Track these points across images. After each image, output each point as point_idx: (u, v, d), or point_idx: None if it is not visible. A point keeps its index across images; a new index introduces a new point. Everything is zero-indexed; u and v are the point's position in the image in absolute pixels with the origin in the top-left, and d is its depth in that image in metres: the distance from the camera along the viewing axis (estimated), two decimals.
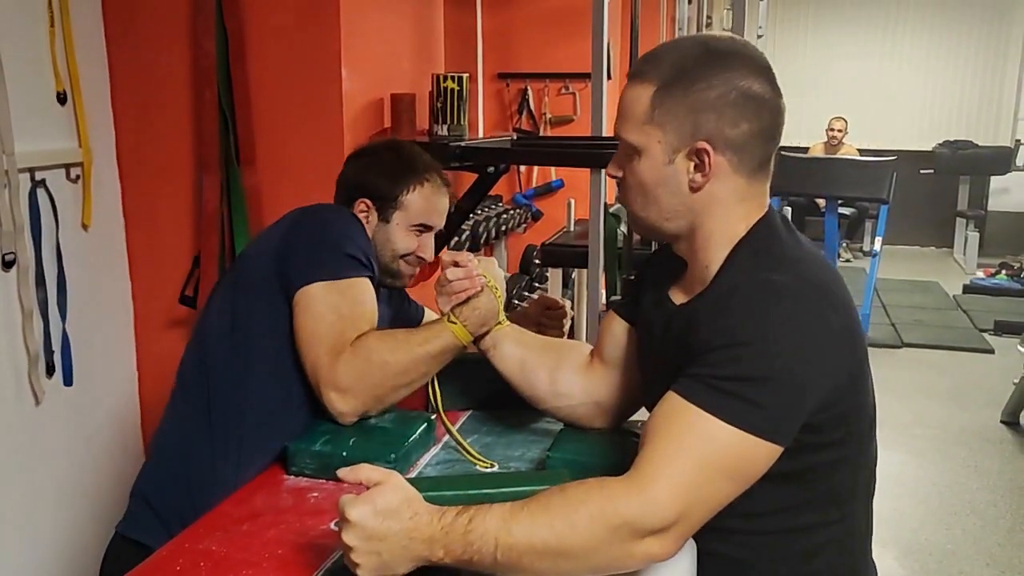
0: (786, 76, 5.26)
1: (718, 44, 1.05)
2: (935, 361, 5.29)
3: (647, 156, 1.06)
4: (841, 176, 5.96)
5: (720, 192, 1.06)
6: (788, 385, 0.93)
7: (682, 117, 1.03)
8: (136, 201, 2.25)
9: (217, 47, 2.05)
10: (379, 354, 1.31)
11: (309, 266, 1.36)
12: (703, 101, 1.02)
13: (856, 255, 8.32)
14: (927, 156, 8.32)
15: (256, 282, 1.41)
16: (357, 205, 1.57)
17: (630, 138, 1.07)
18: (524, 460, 1.37)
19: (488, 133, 4.07)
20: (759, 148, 1.06)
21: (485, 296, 1.35)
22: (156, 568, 1.04)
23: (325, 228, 1.42)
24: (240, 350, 1.40)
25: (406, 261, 1.60)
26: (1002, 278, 7.19)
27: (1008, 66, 8.70)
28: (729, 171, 1.05)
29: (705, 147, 1.03)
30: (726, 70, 1.03)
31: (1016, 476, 3.69)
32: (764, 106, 1.04)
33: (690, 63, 1.03)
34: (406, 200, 1.57)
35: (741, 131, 1.03)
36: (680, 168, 1.05)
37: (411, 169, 1.58)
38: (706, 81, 1.02)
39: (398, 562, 0.92)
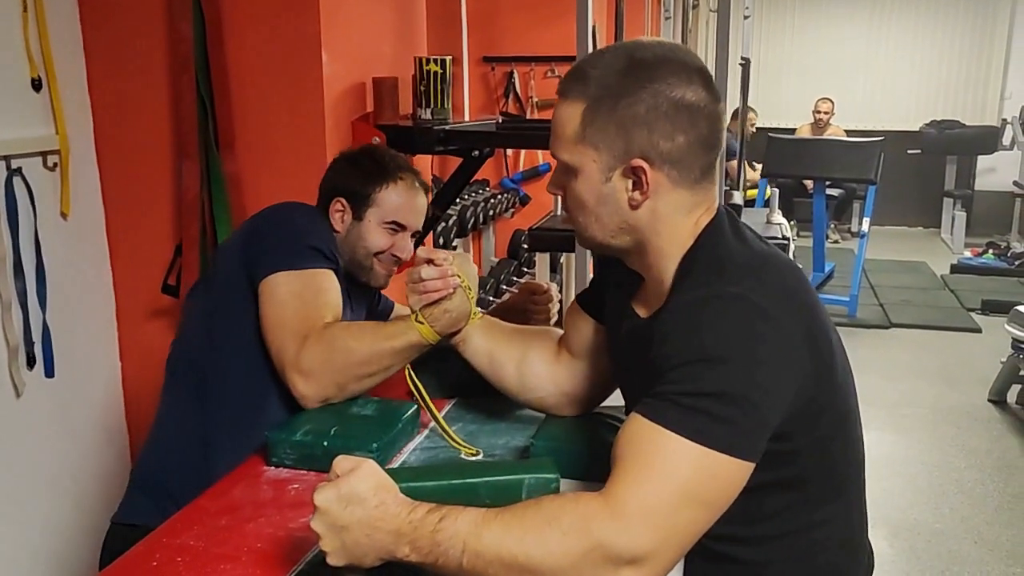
0: (772, 57, 5.29)
1: (644, 54, 1.00)
2: (923, 341, 5.31)
3: (583, 176, 1.03)
4: (829, 157, 5.96)
5: (663, 208, 1.03)
6: (754, 399, 0.90)
7: (613, 135, 1.00)
8: (115, 189, 2.22)
9: (194, 31, 2.02)
10: (343, 341, 1.33)
11: (272, 256, 1.40)
12: (632, 117, 0.98)
13: (844, 236, 8.33)
14: (914, 136, 8.32)
15: (226, 275, 1.46)
16: (333, 205, 1.59)
17: (564, 158, 1.04)
18: (509, 448, 1.36)
19: (474, 117, 4.04)
20: (699, 158, 1.02)
21: (458, 298, 1.32)
22: (133, 563, 1.02)
23: (289, 221, 1.46)
24: (219, 343, 1.46)
25: (380, 260, 1.61)
26: (989, 257, 7.22)
27: (994, 45, 8.69)
28: (669, 186, 1.02)
29: (640, 164, 1.00)
30: (653, 81, 0.98)
31: (1003, 454, 3.71)
32: (699, 114, 1.00)
33: (615, 78, 0.99)
34: (379, 197, 1.58)
35: (677, 144, 0.99)
36: (618, 186, 1.02)
37: (384, 168, 1.60)
38: (633, 95, 0.98)
39: (363, 551, 0.90)
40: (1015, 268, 6.91)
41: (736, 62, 5.72)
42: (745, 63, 5.80)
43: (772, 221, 3.62)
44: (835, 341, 1.04)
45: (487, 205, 3.96)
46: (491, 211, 4.03)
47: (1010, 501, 3.30)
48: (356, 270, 1.60)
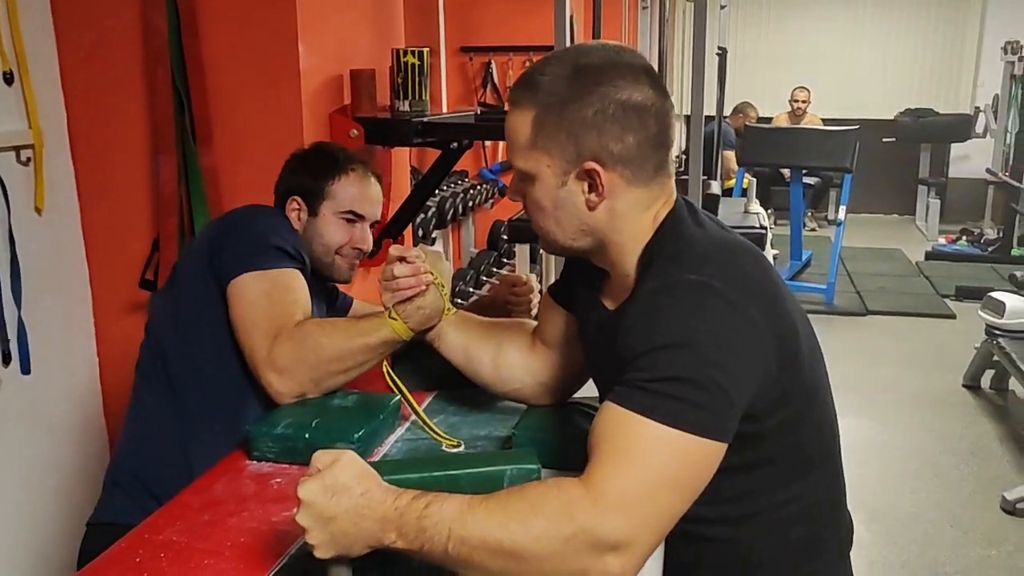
0: (748, 47, 5.32)
1: (589, 58, 1.02)
2: (899, 327, 5.38)
3: (539, 181, 1.05)
4: (805, 146, 6.01)
5: (620, 207, 1.05)
6: (720, 381, 0.92)
7: (564, 140, 1.02)
8: (91, 183, 2.19)
9: (169, 23, 1.99)
10: (315, 338, 1.33)
11: (238, 258, 1.41)
12: (581, 121, 1.01)
13: (821, 224, 8.40)
14: (889, 125, 8.40)
15: (192, 279, 1.46)
16: (289, 205, 1.60)
17: (519, 165, 1.07)
18: (490, 438, 1.37)
19: (452, 108, 4.03)
20: (651, 155, 1.04)
21: (431, 295, 1.32)
22: (115, 560, 1.02)
23: (252, 223, 1.47)
24: (192, 346, 1.46)
25: (342, 255, 1.61)
26: (963, 244, 7.32)
27: (967, 34, 8.78)
28: (624, 185, 1.04)
29: (593, 167, 1.02)
30: (599, 85, 1.01)
31: (977, 439, 3.77)
32: (647, 113, 1.02)
33: (562, 84, 1.01)
34: (332, 190, 1.59)
35: (627, 144, 1.01)
36: (574, 190, 1.04)
37: (334, 160, 1.61)
38: (580, 100, 1.00)
39: (351, 540, 0.90)
40: (988, 255, 7.00)
41: (713, 52, 5.75)
42: (722, 53, 5.83)
43: (750, 210, 3.65)
44: (800, 322, 1.06)
45: (466, 196, 3.96)
46: (470, 202, 4.02)
47: (984, 485, 3.35)
48: (319, 267, 1.60)
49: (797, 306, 1.07)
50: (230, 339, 1.40)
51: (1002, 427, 3.88)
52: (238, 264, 1.40)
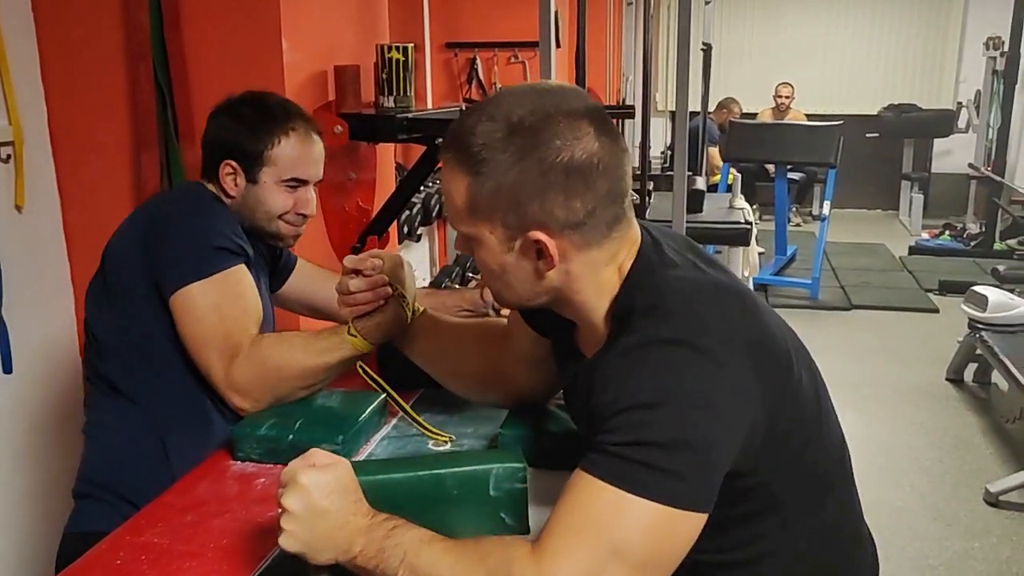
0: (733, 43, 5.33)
1: (522, 113, 0.90)
2: (883, 322, 5.41)
3: (483, 246, 0.96)
4: (789, 141, 6.03)
5: (576, 269, 0.96)
6: (697, 445, 0.84)
7: (504, 209, 0.92)
8: (72, 180, 2.17)
9: (151, 19, 1.98)
10: (273, 360, 1.30)
11: (178, 267, 1.33)
12: (520, 189, 0.90)
13: (806, 219, 8.44)
14: (873, 120, 8.44)
15: (129, 289, 1.38)
16: (222, 168, 1.46)
17: (460, 229, 0.97)
18: (477, 436, 1.36)
19: (437, 104, 4.02)
20: (603, 215, 0.93)
21: (391, 309, 1.28)
22: (96, 562, 1.01)
23: (185, 224, 1.37)
24: (149, 359, 1.39)
25: (286, 221, 1.50)
26: (946, 239, 7.37)
27: (949, 29, 8.84)
28: (576, 250, 0.94)
29: (538, 237, 0.92)
30: (537, 148, 0.89)
31: (961, 432, 3.80)
32: (593, 171, 0.91)
33: (495, 149, 0.90)
34: (272, 155, 1.45)
35: (574, 210, 0.91)
36: (521, 257, 0.95)
37: (272, 120, 1.46)
38: (517, 167, 0.90)
39: (322, 544, 0.90)
40: (971, 249, 7.05)
41: (698, 48, 5.76)
42: (707, 49, 5.84)
43: (734, 206, 3.66)
44: (793, 353, 0.98)
45: None
46: None
47: (967, 477, 3.38)
48: (261, 234, 1.50)
49: (785, 332, 1.00)
50: (182, 351, 1.36)
51: (985, 420, 3.91)
52: (179, 274, 1.32)
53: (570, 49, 3.93)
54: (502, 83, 4.29)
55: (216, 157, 1.47)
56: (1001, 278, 4.40)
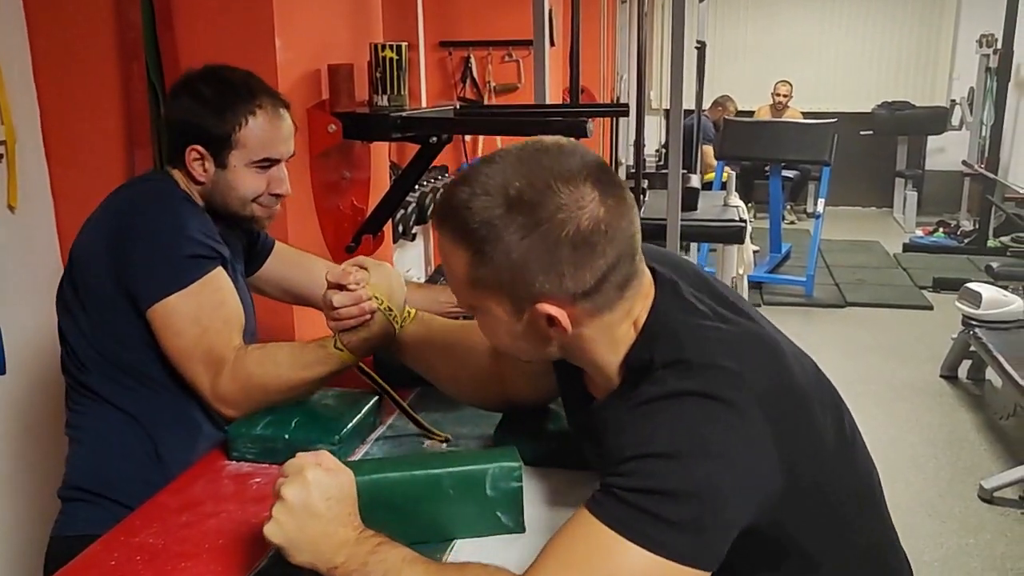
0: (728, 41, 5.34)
1: (520, 190, 0.85)
2: (877, 319, 5.42)
3: (489, 315, 0.92)
4: (784, 139, 6.04)
5: (589, 332, 0.92)
6: (708, 500, 0.81)
7: (509, 283, 0.87)
8: (65, 180, 2.16)
9: (143, 17, 1.97)
10: (259, 377, 1.28)
11: (153, 281, 1.28)
12: (525, 266, 0.86)
13: (800, 217, 8.45)
14: (867, 117, 8.46)
15: (101, 297, 1.33)
16: (188, 154, 1.39)
17: (462, 299, 0.94)
18: (473, 436, 1.36)
19: (432, 103, 4.01)
20: (615, 277, 0.89)
21: (378, 323, 1.25)
22: (90, 563, 1.00)
23: (156, 233, 1.30)
24: (131, 369, 1.36)
25: (259, 203, 1.44)
26: (940, 236, 7.39)
27: (942, 27, 8.86)
28: (588, 317, 0.90)
29: (548, 311, 0.88)
30: (539, 224, 0.84)
31: (955, 429, 3.81)
32: (602, 238, 0.86)
33: (494, 226, 0.85)
34: (241, 137, 1.37)
35: (583, 280, 0.87)
36: (531, 323, 0.90)
37: (236, 99, 1.38)
38: (520, 243, 0.85)
39: (305, 546, 0.90)
40: (965, 246, 7.07)
41: (692, 46, 5.76)
42: (701, 47, 5.84)
43: (729, 203, 3.66)
44: (816, 398, 0.94)
45: None
46: None
47: (961, 474, 3.39)
48: (234, 219, 1.44)
49: (808, 373, 0.95)
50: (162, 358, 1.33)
51: (979, 417, 3.92)
52: (155, 288, 1.27)
53: (564, 47, 3.93)
54: (497, 82, 4.29)
55: (181, 142, 1.39)
56: (995, 275, 4.42)
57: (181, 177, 1.43)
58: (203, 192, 1.42)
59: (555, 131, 1.96)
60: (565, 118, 1.96)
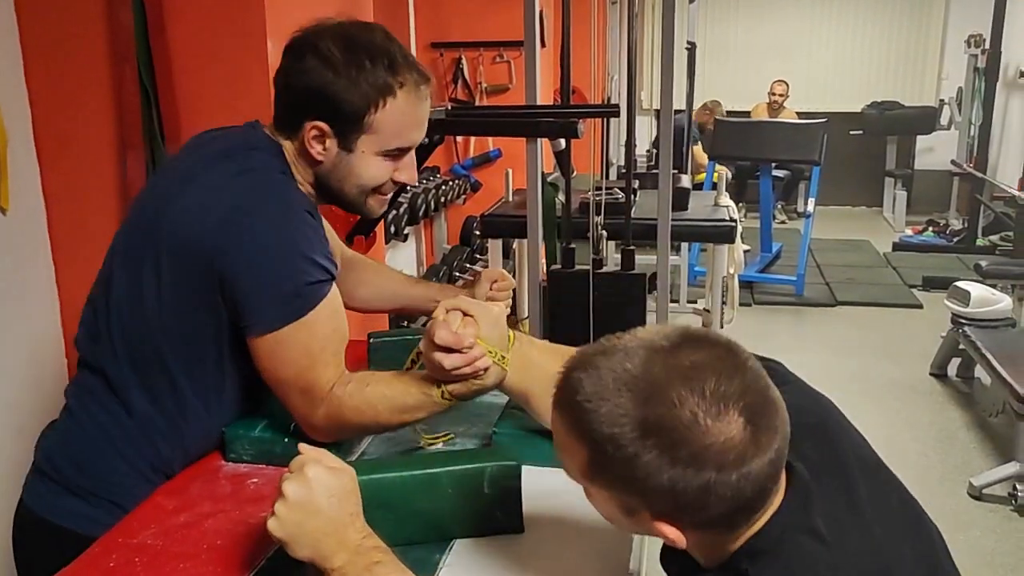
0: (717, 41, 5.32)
1: (659, 411, 0.75)
2: (867, 317, 5.44)
3: (599, 500, 0.84)
4: (774, 139, 6.06)
5: (698, 541, 0.82)
6: None
7: (627, 493, 0.79)
8: (57, 182, 2.16)
9: (135, 19, 1.97)
10: (355, 420, 1.19)
11: (265, 311, 1.13)
12: (648, 491, 0.77)
13: (791, 216, 8.48)
14: (856, 117, 8.50)
15: (191, 290, 1.16)
16: (307, 131, 1.20)
17: (574, 479, 0.85)
18: (470, 435, 1.37)
19: None
20: (744, 511, 0.79)
21: (492, 375, 1.15)
22: (89, 564, 1.00)
23: (273, 253, 1.13)
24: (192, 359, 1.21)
25: (381, 192, 1.28)
26: (929, 235, 7.43)
27: (931, 27, 8.91)
28: (702, 534, 0.81)
29: (662, 529, 0.79)
30: (675, 463, 0.74)
31: (944, 427, 3.83)
32: (742, 479, 0.75)
33: (624, 446, 0.75)
34: (376, 121, 1.18)
35: (709, 517, 0.77)
36: (640, 521, 0.81)
37: (377, 73, 1.17)
38: (649, 472, 0.75)
39: (304, 542, 0.90)
40: (954, 245, 7.11)
41: (683, 46, 5.77)
42: (691, 47, 5.85)
43: (719, 204, 3.67)
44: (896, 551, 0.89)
45: (438, 192, 3.95)
46: (442, 198, 4.01)
47: (951, 471, 3.41)
48: (343, 204, 1.28)
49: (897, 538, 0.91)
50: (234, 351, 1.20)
51: (968, 414, 3.95)
52: (266, 320, 1.13)
53: (555, 48, 3.93)
54: (488, 83, 4.29)
55: (300, 113, 1.19)
56: (983, 274, 4.44)
57: (291, 150, 1.23)
58: (319, 171, 1.24)
59: (546, 132, 1.97)
60: (556, 119, 1.96)
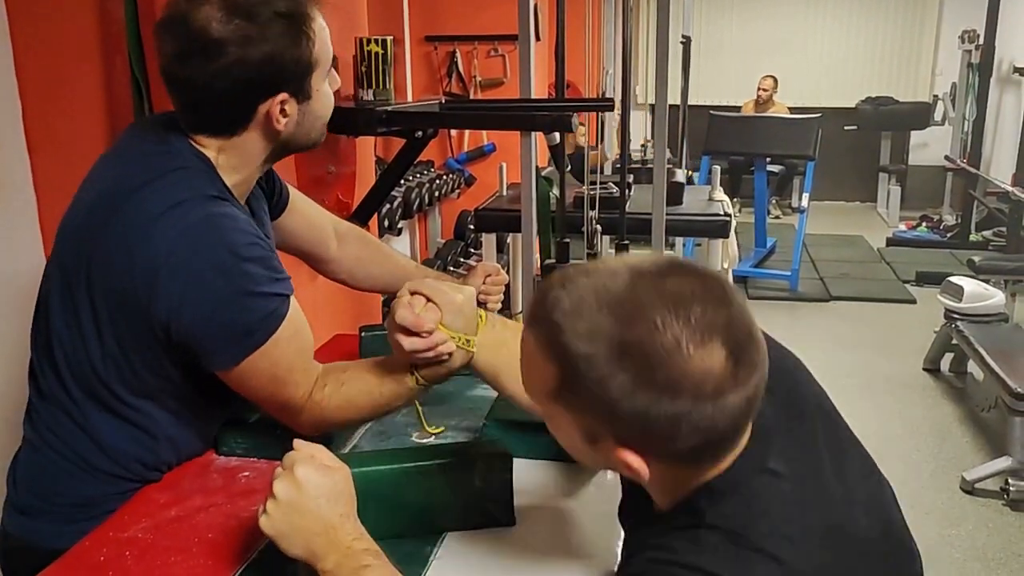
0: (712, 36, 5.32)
1: (637, 331, 0.72)
2: (861, 313, 5.46)
3: (560, 425, 0.81)
4: (768, 134, 6.06)
5: (660, 475, 0.80)
6: None
7: (593, 419, 0.77)
8: (48, 176, 2.14)
9: (126, 11, 1.96)
10: (339, 421, 1.21)
11: (224, 351, 1.10)
12: (619, 415, 0.74)
13: (785, 211, 8.49)
14: (851, 113, 8.50)
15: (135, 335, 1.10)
16: (266, 113, 1.12)
17: (537, 401, 0.83)
18: (461, 428, 1.37)
19: (417, 97, 4.01)
20: (714, 449, 0.78)
21: (456, 357, 1.15)
22: (79, 558, 1.00)
23: (221, 299, 1.07)
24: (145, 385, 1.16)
25: None
26: (923, 230, 7.45)
27: (925, 23, 8.92)
28: (667, 469, 0.79)
29: (627, 458, 0.77)
30: (652, 385, 0.72)
31: (937, 421, 3.84)
32: (719, 412, 0.73)
33: (598, 365, 0.73)
34: (315, 53, 1.13)
35: (678, 450, 0.76)
36: (603, 451, 0.79)
37: (293, 11, 1.11)
38: (624, 394, 0.73)
39: (295, 540, 0.90)
40: (947, 240, 7.13)
41: (677, 41, 5.77)
42: (686, 42, 5.85)
43: (713, 198, 3.67)
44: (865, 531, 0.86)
45: (432, 186, 3.94)
46: (436, 192, 4.01)
47: (943, 466, 3.42)
48: (304, 149, 1.23)
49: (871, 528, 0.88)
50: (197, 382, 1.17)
51: (961, 409, 3.96)
52: (226, 359, 1.10)
53: (550, 42, 3.93)
54: (483, 77, 4.28)
55: (247, 104, 1.11)
56: (977, 269, 4.45)
57: (216, 148, 1.15)
58: (278, 141, 1.17)
59: (541, 126, 1.97)
60: (551, 113, 1.96)
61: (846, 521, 0.84)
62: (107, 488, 1.16)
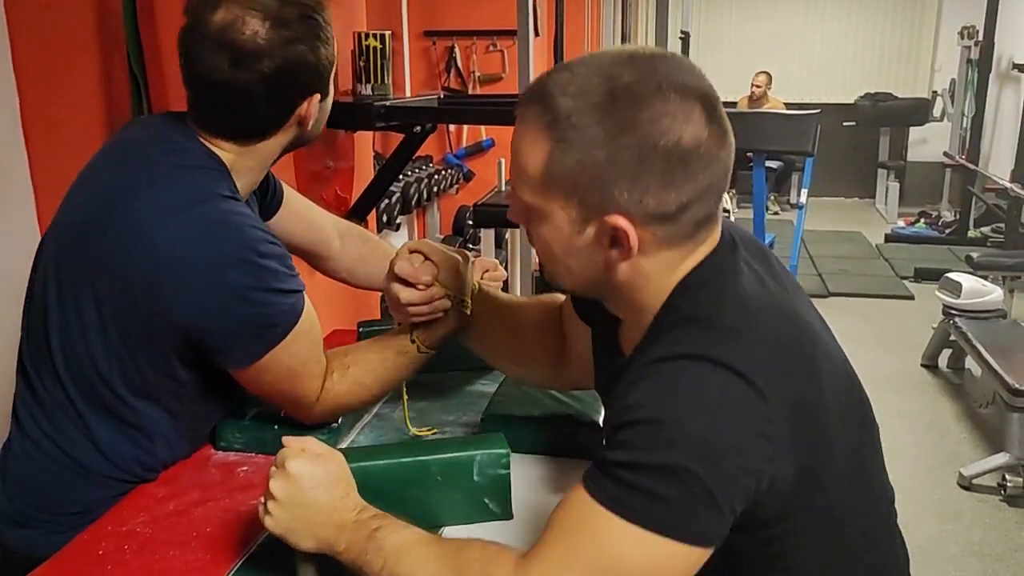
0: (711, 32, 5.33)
1: (626, 79, 0.78)
2: (860, 309, 5.46)
3: (549, 223, 0.84)
4: (767, 130, 6.05)
5: (648, 266, 0.84)
6: (703, 476, 0.75)
7: (586, 185, 0.80)
8: (46, 172, 2.13)
9: (124, 6, 1.95)
10: (352, 403, 1.23)
11: (245, 348, 1.11)
12: (611, 167, 0.78)
13: (784, 207, 8.49)
14: (850, 108, 8.50)
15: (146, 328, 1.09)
16: (307, 113, 1.16)
17: (525, 198, 0.85)
18: (459, 423, 1.37)
19: (416, 92, 4.00)
20: (697, 210, 0.82)
21: (452, 318, 1.18)
22: (78, 552, 1.00)
23: (241, 298, 1.08)
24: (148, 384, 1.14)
25: None
26: (921, 227, 7.45)
27: (924, 19, 8.92)
28: (656, 245, 0.83)
29: (619, 224, 0.80)
30: (640, 123, 0.77)
31: (935, 417, 3.85)
32: (698, 162, 0.79)
33: (590, 114, 0.78)
34: (334, 51, 1.18)
35: (667, 201, 0.80)
36: (592, 242, 0.83)
37: (321, 15, 1.15)
38: (612, 141, 0.78)
39: (303, 534, 0.90)
40: (946, 237, 7.13)
41: (676, 36, 5.77)
42: (685, 37, 5.85)
43: None
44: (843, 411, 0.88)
45: (431, 181, 3.94)
46: (435, 187, 4.00)
47: (941, 462, 3.43)
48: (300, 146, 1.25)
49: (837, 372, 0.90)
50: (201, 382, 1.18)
51: (959, 405, 3.97)
52: (245, 356, 1.11)
53: (549, 38, 3.93)
54: (481, 72, 4.28)
55: (294, 102, 1.14)
56: (975, 265, 4.45)
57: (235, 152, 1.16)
58: (297, 137, 1.19)
59: None
60: None
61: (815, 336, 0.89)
62: (104, 492, 1.15)
